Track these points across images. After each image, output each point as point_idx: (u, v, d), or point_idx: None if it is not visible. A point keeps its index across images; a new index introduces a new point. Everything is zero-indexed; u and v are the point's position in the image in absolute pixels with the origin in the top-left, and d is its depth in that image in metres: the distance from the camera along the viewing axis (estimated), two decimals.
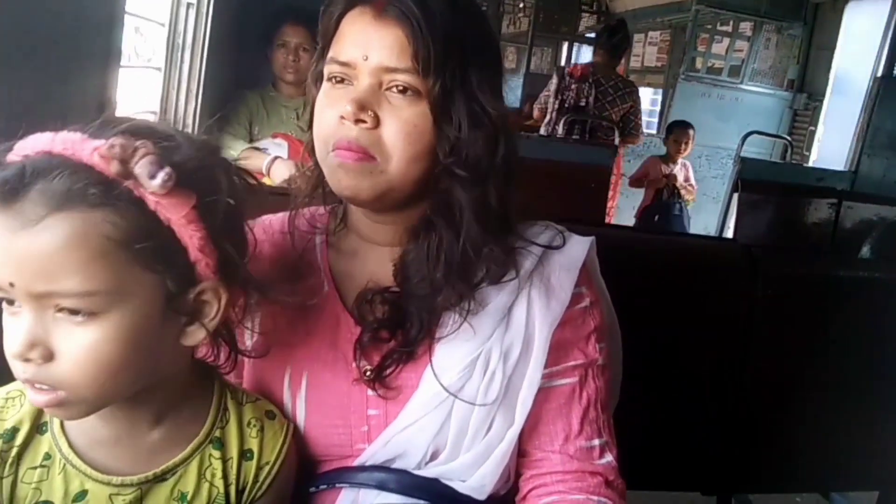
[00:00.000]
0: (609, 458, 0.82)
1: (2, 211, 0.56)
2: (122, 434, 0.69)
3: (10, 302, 0.59)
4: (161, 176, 0.58)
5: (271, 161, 2.23)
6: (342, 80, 0.77)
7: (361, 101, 0.74)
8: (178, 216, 0.60)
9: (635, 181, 4.40)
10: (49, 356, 0.59)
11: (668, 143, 4.30)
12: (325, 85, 0.79)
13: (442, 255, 0.78)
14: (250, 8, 2.34)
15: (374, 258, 0.84)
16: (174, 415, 0.71)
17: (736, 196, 3.32)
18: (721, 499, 1.60)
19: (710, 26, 6.17)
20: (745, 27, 6.08)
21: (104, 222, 0.57)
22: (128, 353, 0.61)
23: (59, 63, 1.03)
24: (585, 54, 10.05)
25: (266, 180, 2.25)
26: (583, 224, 1.47)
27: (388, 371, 0.78)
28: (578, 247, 0.85)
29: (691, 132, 4.27)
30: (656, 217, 4.26)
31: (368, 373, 0.79)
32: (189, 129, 2.12)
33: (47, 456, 0.68)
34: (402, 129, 0.74)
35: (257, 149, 2.33)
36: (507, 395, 0.79)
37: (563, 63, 10.14)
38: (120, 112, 1.76)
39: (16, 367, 0.60)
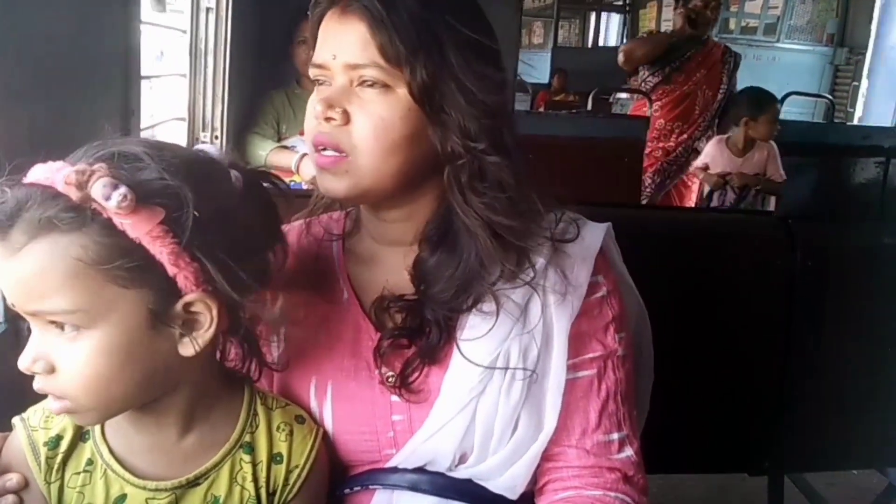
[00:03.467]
0: (628, 452, 0.81)
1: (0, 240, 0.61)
2: (154, 441, 0.72)
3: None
4: (115, 196, 0.60)
5: (300, 158, 2.26)
6: (323, 83, 0.79)
7: (329, 99, 0.75)
8: (143, 233, 0.62)
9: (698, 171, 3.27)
10: (51, 369, 0.64)
11: (752, 125, 3.07)
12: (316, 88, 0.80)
13: (457, 258, 0.78)
14: (269, 8, 2.35)
15: (391, 261, 0.84)
16: (204, 421, 0.74)
17: None
18: (773, 479, 1.57)
19: None
20: None
21: (74, 245, 0.61)
22: (119, 364, 0.64)
23: (78, 78, 1.05)
24: (613, 25, 9.84)
25: (296, 178, 2.27)
26: (612, 206, 1.46)
27: (411, 378, 0.79)
28: (593, 234, 0.83)
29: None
30: None
31: (391, 379, 0.80)
32: (217, 133, 2.15)
33: (90, 462, 0.72)
34: (369, 123, 0.75)
35: (285, 147, 2.35)
36: (531, 393, 0.78)
37: (591, 34, 9.96)
38: (148, 121, 1.79)
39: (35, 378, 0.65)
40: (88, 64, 1.09)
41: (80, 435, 0.73)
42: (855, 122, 5.09)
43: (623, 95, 5.88)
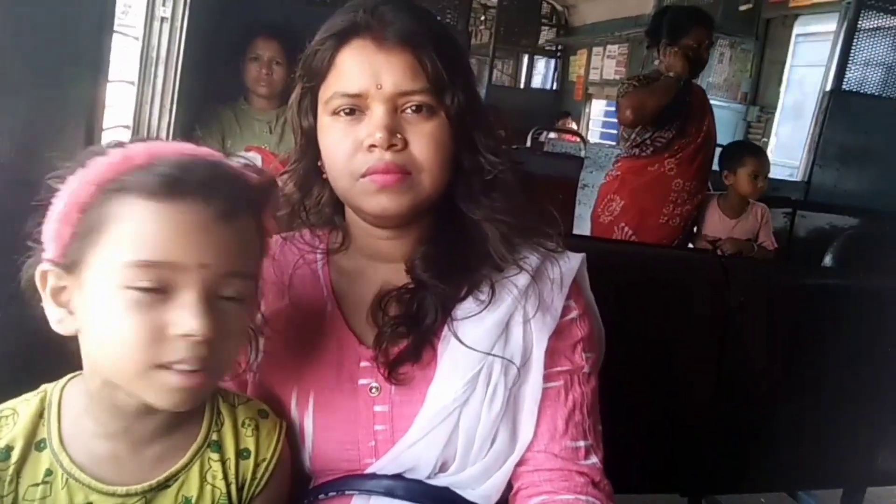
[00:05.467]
0: (594, 459, 0.85)
1: (203, 203, 0.64)
2: (121, 447, 0.71)
3: (162, 290, 0.64)
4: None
5: None
6: (352, 111, 0.79)
7: (390, 127, 0.77)
8: (270, 227, 0.74)
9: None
10: (212, 336, 0.64)
11: (731, 179, 2.72)
12: (328, 118, 0.81)
13: (457, 250, 0.84)
14: (224, 22, 2.34)
15: (378, 277, 0.86)
16: (171, 424, 0.73)
17: None
18: (692, 501, 1.65)
19: None
20: None
21: (261, 224, 0.72)
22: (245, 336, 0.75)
23: (49, 74, 1.02)
24: (542, 66, 10.21)
25: None
26: (566, 237, 1.52)
27: (400, 365, 0.81)
28: (570, 263, 0.89)
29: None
30: None
31: (373, 390, 0.82)
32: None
33: (48, 472, 0.69)
34: (429, 144, 0.79)
35: None
36: (509, 407, 0.82)
37: (523, 76, 10.29)
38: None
39: (175, 347, 0.64)
40: (59, 58, 1.07)
41: (34, 444, 0.69)
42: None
43: (553, 135, 6.12)
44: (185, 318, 0.63)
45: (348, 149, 0.79)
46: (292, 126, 0.88)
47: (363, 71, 0.78)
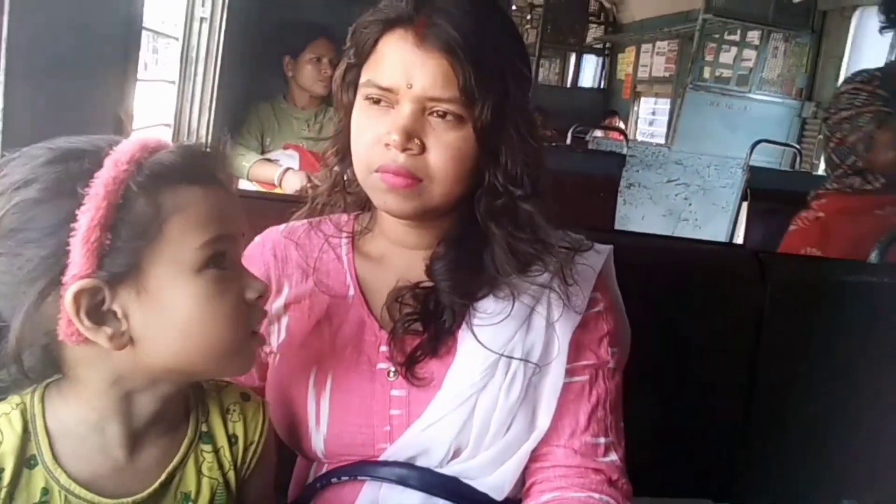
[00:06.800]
0: (614, 457, 0.83)
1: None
2: (122, 460, 0.69)
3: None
4: None
5: (283, 172, 2.27)
6: (380, 101, 0.78)
7: (408, 129, 0.75)
8: None
9: None
10: None
11: None
12: (362, 102, 0.80)
13: (476, 257, 0.82)
14: (262, 22, 2.38)
15: (402, 263, 0.87)
16: (163, 421, 0.72)
17: (745, 205, 3.32)
18: None
19: (717, 36, 6.16)
20: (753, 36, 6.07)
21: None
22: None
23: (79, 75, 1.06)
24: (591, 64, 10.10)
25: (278, 191, 2.29)
26: (593, 230, 1.49)
27: (417, 366, 0.81)
28: (597, 255, 0.88)
29: None
30: None
31: (392, 374, 0.82)
32: (203, 141, 2.15)
33: (45, 491, 0.66)
34: (446, 154, 0.77)
35: (269, 160, 2.37)
36: (528, 395, 0.81)
37: (570, 74, 10.19)
38: (135, 125, 1.79)
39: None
40: (89, 59, 1.10)
41: (25, 462, 0.65)
42: (820, 172, 5.26)
43: (598, 133, 6.03)
44: None
45: (369, 139, 0.79)
46: (336, 98, 0.87)
47: (397, 65, 0.76)
